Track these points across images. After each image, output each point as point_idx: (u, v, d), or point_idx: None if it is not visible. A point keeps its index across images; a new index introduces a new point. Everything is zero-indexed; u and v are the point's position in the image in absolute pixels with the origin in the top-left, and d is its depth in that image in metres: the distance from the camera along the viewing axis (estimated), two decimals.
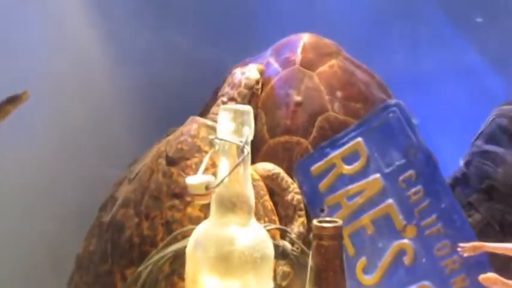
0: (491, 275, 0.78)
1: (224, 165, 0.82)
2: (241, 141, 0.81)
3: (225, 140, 0.82)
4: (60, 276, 1.10)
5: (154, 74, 1.27)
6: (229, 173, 0.80)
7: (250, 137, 0.82)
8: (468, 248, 0.84)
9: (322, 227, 0.79)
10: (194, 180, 0.80)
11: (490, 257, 0.93)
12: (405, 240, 0.98)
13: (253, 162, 1.06)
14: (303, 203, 1.04)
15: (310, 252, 0.80)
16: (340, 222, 0.80)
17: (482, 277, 0.78)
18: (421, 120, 1.03)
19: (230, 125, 0.82)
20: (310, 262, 0.80)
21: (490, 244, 0.84)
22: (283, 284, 0.99)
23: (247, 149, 0.81)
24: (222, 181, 0.80)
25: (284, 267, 0.99)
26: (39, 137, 1.13)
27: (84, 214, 1.12)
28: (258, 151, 1.08)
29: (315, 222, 0.80)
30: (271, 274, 0.85)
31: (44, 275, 1.15)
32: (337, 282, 0.80)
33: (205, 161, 0.85)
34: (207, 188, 0.79)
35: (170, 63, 1.28)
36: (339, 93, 1.10)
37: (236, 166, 0.80)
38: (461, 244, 0.85)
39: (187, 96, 1.24)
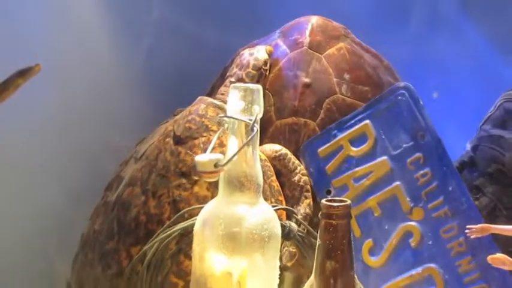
0: (499, 255, 0.78)
1: (233, 144, 0.82)
2: (250, 120, 0.81)
3: (235, 118, 0.82)
4: (65, 254, 1.11)
5: (159, 56, 1.27)
6: (239, 151, 0.80)
7: (260, 116, 0.83)
8: (475, 229, 0.84)
9: (331, 205, 0.79)
10: (203, 157, 0.80)
11: (497, 239, 0.93)
12: (412, 223, 0.98)
13: (260, 143, 1.06)
14: (310, 184, 1.04)
15: (318, 231, 0.81)
16: (348, 201, 0.80)
17: (491, 257, 0.78)
18: (428, 105, 1.03)
19: (240, 103, 0.82)
20: (318, 241, 0.81)
21: (497, 226, 0.84)
22: (289, 264, 0.99)
23: (257, 128, 0.81)
24: (231, 159, 0.80)
25: (290, 248, 0.99)
26: (42, 113, 1.13)
27: (89, 191, 1.12)
28: (265, 132, 1.08)
29: (323, 201, 0.80)
30: (278, 253, 0.85)
31: (50, 253, 1.15)
32: (345, 261, 0.80)
33: (215, 139, 0.85)
34: (215, 166, 0.79)
35: (176, 45, 1.28)
36: (346, 76, 1.10)
37: (245, 144, 0.81)
38: (468, 226, 0.85)
39: (192, 78, 1.24)
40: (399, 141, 1.00)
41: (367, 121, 1.02)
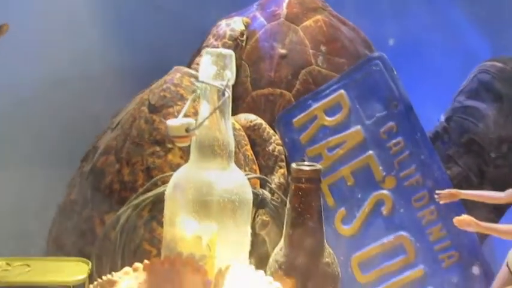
0: (465, 216, 0.78)
1: (205, 109, 0.82)
2: (222, 85, 0.81)
3: (206, 83, 0.82)
4: (42, 224, 1.11)
5: (140, 31, 1.27)
6: (210, 115, 0.80)
7: (232, 81, 0.83)
8: (444, 194, 0.85)
9: (301, 169, 0.79)
10: (174, 122, 0.80)
11: (466, 207, 0.93)
12: (384, 191, 0.99)
13: (236, 113, 1.07)
14: (284, 154, 1.04)
15: (288, 195, 0.81)
16: (318, 165, 0.80)
17: (456, 219, 0.79)
18: (403, 77, 1.03)
19: (212, 68, 0.82)
20: (287, 205, 0.81)
21: (466, 191, 0.84)
22: (262, 233, 0.99)
23: (228, 93, 0.82)
24: (202, 123, 0.80)
25: (263, 217, 0.99)
26: (24, 84, 1.13)
27: (67, 162, 1.12)
28: (241, 103, 1.08)
29: (293, 165, 0.81)
30: (250, 219, 0.85)
31: (27, 223, 1.15)
32: (314, 225, 0.80)
33: (187, 104, 0.85)
34: (187, 130, 0.79)
35: (156, 20, 1.27)
36: (323, 48, 1.11)
37: (217, 108, 0.81)
38: (437, 191, 0.86)
39: (171, 53, 1.23)
40: (373, 111, 1.01)
41: (342, 91, 1.03)
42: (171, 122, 0.80)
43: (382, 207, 0.98)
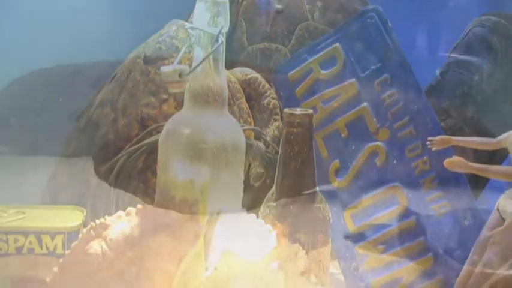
0: (455, 158, 0.79)
1: (199, 56, 0.82)
2: (215, 31, 0.82)
3: (200, 29, 0.82)
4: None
5: None
6: (204, 60, 0.81)
7: (226, 29, 0.83)
8: (436, 141, 0.85)
9: (293, 113, 0.80)
10: (168, 68, 0.80)
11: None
12: (378, 143, 0.99)
13: (232, 68, 1.07)
14: (279, 108, 1.04)
15: (280, 141, 0.81)
16: (310, 111, 0.81)
17: (447, 161, 0.79)
18: (400, 33, 1.03)
19: (205, 15, 0.82)
20: (279, 150, 0.82)
21: (457, 138, 0.85)
22: (256, 184, 1.00)
23: (222, 39, 0.82)
24: (195, 68, 0.80)
25: (258, 169, 1.00)
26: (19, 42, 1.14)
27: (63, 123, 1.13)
28: (237, 57, 1.08)
29: (286, 110, 0.81)
30: (243, 165, 0.86)
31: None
32: (305, 169, 0.81)
33: (182, 52, 0.85)
34: (180, 75, 0.80)
35: None
36: (319, 3, 1.11)
37: (210, 53, 0.81)
38: (429, 138, 0.86)
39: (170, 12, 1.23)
40: (367, 63, 1.00)
41: (337, 44, 1.02)
42: (164, 69, 0.80)
43: (375, 158, 0.98)
